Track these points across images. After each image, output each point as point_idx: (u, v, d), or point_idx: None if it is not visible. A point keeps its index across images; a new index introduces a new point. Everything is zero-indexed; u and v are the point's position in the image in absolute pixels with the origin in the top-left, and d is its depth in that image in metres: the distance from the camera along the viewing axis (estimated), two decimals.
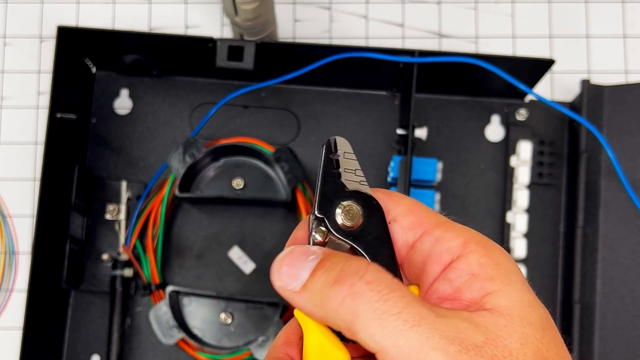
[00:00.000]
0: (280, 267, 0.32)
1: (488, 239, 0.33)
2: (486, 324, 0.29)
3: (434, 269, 0.32)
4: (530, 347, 0.29)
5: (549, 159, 0.70)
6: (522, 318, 0.30)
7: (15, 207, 0.72)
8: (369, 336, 0.28)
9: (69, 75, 0.68)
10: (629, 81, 0.72)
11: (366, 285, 0.29)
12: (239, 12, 0.63)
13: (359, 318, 0.29)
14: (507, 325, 0.29)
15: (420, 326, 0.28)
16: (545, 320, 0.30)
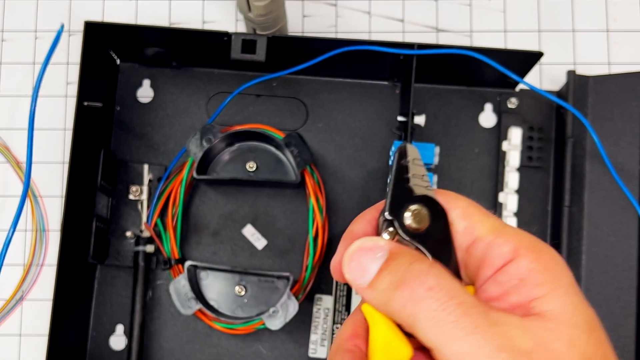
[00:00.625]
0: (350, 262, 0.33)
1: (540, 242, 0.33)
2: (535, 329, 0.30)
3: (486, 273, 0.33)
4: (577, 349, 0.30)
5: (537, 143, 0.71)
6: (568, 321, 0.30)
7: (46, 188, 0.73)
8: (427, 338, 0.30)
9: (95, 67, 0.68)
10: (611, 72, 0.73)
11: (426, 292, 0.30)
12: (252, 9, 0.64)
13: (418, 322, 0.30)
14: (554, 329, 0.30)
15: (474, 334, 0.29)
16: (591, 322, 0.31)
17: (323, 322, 0.70)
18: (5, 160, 0.73)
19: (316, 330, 0.70)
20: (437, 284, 0.30)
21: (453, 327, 0.29)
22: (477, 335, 0.29)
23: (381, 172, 0.72)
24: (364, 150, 0.73)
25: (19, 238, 0.73)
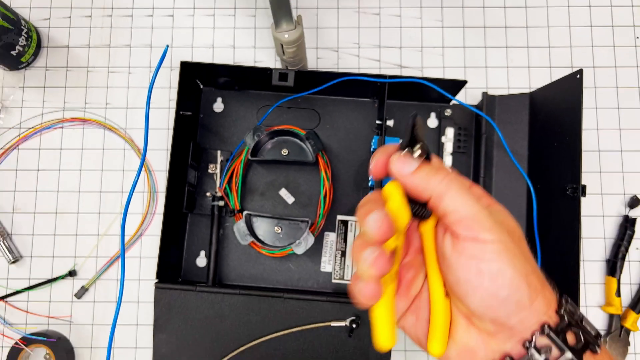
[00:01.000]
0: (397, 160, 0.32)
1: None
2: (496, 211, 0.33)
3: None
4: (516, 227, 0.33)
5: (463, 138, 0.71)
6: (509, 216, 0.33)
7: (156, 165, 0.74)
8: (453, 201, 0.31)
9: (187, 90, 0.69)
10: (510, 93, 0.73)
11: (455, 176, 0.32)
12: (285, 54, 0.65)
13: (450, 191, 0.31)
14: (503, 218, 0.33)
15: (478, 204, 0.31)
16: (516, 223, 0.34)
17: (329, 249, 0.71)
18: (130, 147, 0.74)
19: (325, 254, 0.71)
20: (457, 176, 0.32)
21: (470, 198, 0.31)
22: (479, 205, 0.31)
23: (366, 155, 0.72)
24: (355, 142, 0.73)
25: (140, 197, 0.73)
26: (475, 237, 0.30)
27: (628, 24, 0.76)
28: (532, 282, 0.31)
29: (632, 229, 0.71)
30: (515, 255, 0.31)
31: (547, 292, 0.32)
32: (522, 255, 0.31)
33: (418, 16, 0.77)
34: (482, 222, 0.31)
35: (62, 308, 0.72)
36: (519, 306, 0.31)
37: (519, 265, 0.30)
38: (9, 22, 0.69)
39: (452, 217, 0.31)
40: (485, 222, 0.31)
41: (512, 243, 0.31)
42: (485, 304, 0.31)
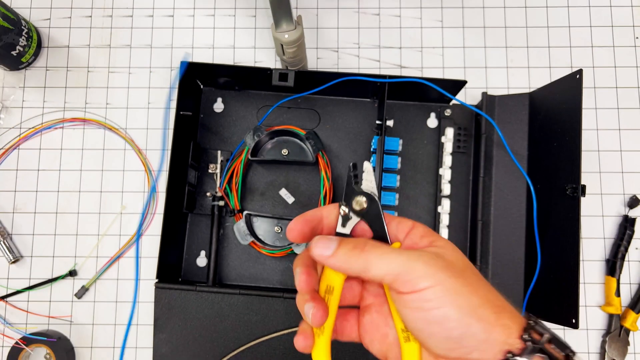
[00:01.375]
0: (317, 243, 0.34)
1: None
2: (434, 251, 0.33)
3: (401, 235, 0.36)
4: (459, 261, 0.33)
5: (463, 137, 0.71)
6: (447, 248, 0.34)
7: (157, 164, 0.74)
8: (378, 269, 0.32)
9: (187, 90, 0.69)
10: (509, 93, 0.73)
11: (371, 246, 0.33)
12: (285, 54, 0.65)
13: (370, 262, 0.32)
14: (444, 252, 0.33)
15: (402, 255, 0.32)
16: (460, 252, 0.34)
17: None
18: (130, 147, 0.74)
19: None
20: (374, 243, 0.34)
21: (391, 255, 0.32)
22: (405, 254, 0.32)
23: (365, 156, 0.72)
24: (355, 142, 0.73)
25: (140, 196, 0.73)
26: (413, 289, 0.31)
27: (628, 24, 0.76)
28: (483, 314, 0.31)
29: (632, 229, 0.71)
30: (458, 293, 0.31)
31: (505, 319, 0.32)
32: (466, 290, 0.32)
33: (418, 16, 0.77)
34: (414, 271, 0.31)
35: (63, 308, 0.72)
36: (476, 341, 0.31)
37: (463, 303, 0.31)
38: (9, 22, 0.69)
39: (386, 281, 0.33)
40: (417, 270, 0.31)
41: (453, 279, 0.31)
42: (443, 347, 0.32)
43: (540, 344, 0.31)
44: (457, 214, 0.71)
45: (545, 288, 0.64)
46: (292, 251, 0.68)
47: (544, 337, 0.32)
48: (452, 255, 0.34)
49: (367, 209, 0.37)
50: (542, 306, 0.65)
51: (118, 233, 0.73)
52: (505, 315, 0.32)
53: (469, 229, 0.71)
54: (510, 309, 0.33)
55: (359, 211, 0.37)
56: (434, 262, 0.32)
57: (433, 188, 0.72)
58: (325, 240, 0.34)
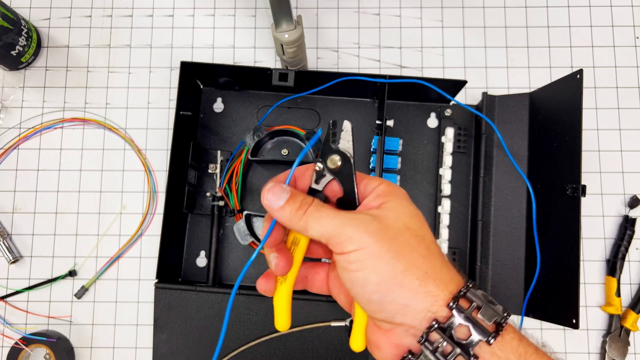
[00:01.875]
0: (267, 193, 0.35)
1: (393, 183, 0.37)
2: (374, 213, 0.34)
3: (367, 194, 0.36)
4: (400, 223, 0.33)
5: (463, 138, 0.71)
6: (396, 209, 0.34)
7: (156, 164, 0.74)
8: (314, 230, 0.34)
9: (187, 90, 0.69)
10: (509, 93, 0.73)
11: (313, 207, 0.34)
12: (285, 54, 0.65)
13: (308, 223, 0.34)
14: (387, 214, 0.34)
15: (337, 218, 0.33)
16: (413, 213, 0.35)
17: None
18: (130, 147, 0.74)
19: None
20: (316, 206, 0.34)
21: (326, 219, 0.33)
22: (339, 217, 0.33)
23: (365, 156, 0.72)
24: (355, 142, 0.72)
25: (140, 196, 0.73)
26: (341, 251, 0.33)
27: (628, 24, 0.76)
28: (404, 281, 0.32)
29: (632, 229, 0.71)
30: (380, 258, 0.32)
31: (431, 286, 0.32)
32: (389, 255, 0.32)
33: (418, 16, 0.77)
34: (343, 234, 0.33)
35: (62, 308, 0.72)
36: (397, 305, 0.32)
37: (383, 268, 0.32)
38: (9, 22, 0.69)
39: (322, 241, 0.34)
40: (346, 233, 0.33)
41: (378, 244, 0.32)
42: (368, 308, 0.34)
43: (466, 313, 0.32)
44: (457, 214, 0.71)
45: (546, 288, 0.64)
46: None
47: (471, 306, 0.32)
48: (395, 218, 0.34)
49: (340, 167, 0.37)
50: (542, 306, 0.64)
51: (118, 233, 0.73)
52: (431, 282, 0.32)
53: (469, 229, 0.71)
54: (441, 275, 0.33)
55: (333, 169, 0.37)
56: (365, 226, 0.33)
57: (433, 188, 0.72)
58: (277, 190, 0.35)
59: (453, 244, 0.71)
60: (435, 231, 0.71)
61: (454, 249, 0.70)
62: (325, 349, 0.65)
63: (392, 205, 0.35)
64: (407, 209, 0.35)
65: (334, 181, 0.37)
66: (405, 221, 0.34)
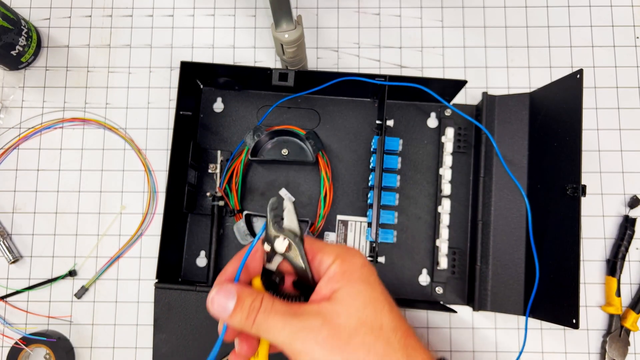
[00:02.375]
0: (212, 305, 0.35)
1: (350, 251, 0.36)
2: (325, 312, 0.33)
3: (322, 272, 0.36)
4: (353, 319, 0.32)
5: (463, 137, 0.71)
6: (347, 301, 0.33)
7: (156, 164, 0.74)
8: (268, 338, 0.34)
9: (187, 89, 0.69)
10: (509, 93, 0.73)
11: (260, 316, 0.34)
12: (285, 53, 0.65)
13: (260, 332, 0.34)
14: (338, 310, 0.33)
15: (285, 329, 0.33)
16: (367, 300, 0.33)
17: None
18: (130, 147, 0.74)
19: None
20: (266, 308, 0.34)
21: (277, 329, 0.33)
22: (289, 328, 0.33)
23: (365, 156, 0.72)
24: (355, 142, 0.73)
25: (140, 196, 0.73)
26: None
27: (628, 24, 0.76)
28: None
29: (632, 229, 0.71)
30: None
31: None
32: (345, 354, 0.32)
33: (418, 16, 0.77)
34: (294, 348, 0.33)
35: (62, 308, 0.72)
36: None
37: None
38: (9, 22, 0.69)
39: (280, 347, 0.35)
40: (296, 347, 0.33)
41: (330, 356, 0.32)
42: None
43: None
44: (458, 214, 0.71)
45: (546, 288, 0.64)
46: None
47: None
48: (346, 314, 0.33)
49: (289, 248, 0.37)
50: (542, 306, 0.64)
51: (118, 233, 0.73)
52: None
53: (469, 229, 0.71)
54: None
55: (282, 252, 0.37)
56: (313, 337, 0.32)
57: (433, 188, 0.72)
58: (222, 294, 0.35)
59: (453, 244, 0.71)
60: (435, 231, 0.71)
61: (454, 249, 0.71)
62: None
63: (344, 295, 0.34)
64: (360, 296, 0.34)
65: (285, 261, 0.38)
66: (358, 316, 0.33)
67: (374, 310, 0.33)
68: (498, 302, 0.67)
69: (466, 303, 0.70)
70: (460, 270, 0.70)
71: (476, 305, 0.67)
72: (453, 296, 0.70)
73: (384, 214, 0.70)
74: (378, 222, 0.64)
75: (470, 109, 0.72)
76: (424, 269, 0.71)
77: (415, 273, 0.71)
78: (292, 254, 0.37)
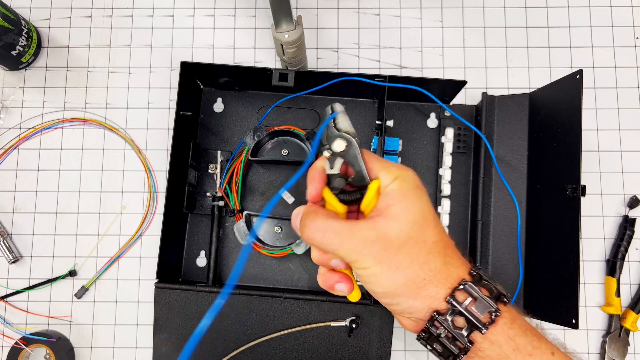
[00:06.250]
0: (294, 221, 0.40)
1: (408, 172, 0.39)
2: (379, 227, 0.36)
3: (384, 182, 0.38)
4: (403, 233, 0.36)
5: (463, 138, 0.71)
6: (400, 217, 0.36)
7: (157, 165, 0.74)
8: (323, 246, 0.38)
9: (187, 90, 0.69)
10: (509, 93, 0.74)
11: (318, 233, 0.37)
12: (285, 54, 0.65)
13: (320, 245, 0.38)
14: (391, 225, 0.36)
15: (345, 243, 0.36)
16: (417, 217, 0.37)
17: None
18: (130, 147, 0.74)
19: None
20: (322, 226, 0.37)
21: (331, 237, 0.37)
22: (342, 239, 0.36)
23: None
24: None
25: (140, 196, 0.73)
26: (353, 266, 0.38)
27: (628, 25, 0.76)
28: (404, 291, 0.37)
29: (632, 229, 0.71)
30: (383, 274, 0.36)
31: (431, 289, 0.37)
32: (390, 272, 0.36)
33: (418, 17, 0.77)
34: (351, 257, 0.37)
35: (62, 308, 0.72)
36: (401, 307, 0.38)
37: (385, 283, 0.37)
38: (9, 22, 0.69)
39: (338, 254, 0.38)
40: (353, 256, 0.37)
41: (379, 265, 0.36)
42: (382, 303, 0.40)
43: (461, 307, 0.36)
44: (457, 214, 0.71)
45: (546, 288, 0.64)
46: (292, 251, 0.67)
47: (466, 300, 0.36)
48: (398, 229, 0.36)
49: (347, 149, 0.39)
50: (542, 306, 0.64)
51: (118, 233, 0.73)
52: (429, 286, 0.37)
53: (469, 229, 0.71)
54: (440, 276, 0.37)
55: (339, 153, 0.39)
56: (367, 249, 0.36)
57: (433, 188, 0.72)
58: (296, 215, 0.41)
59: None
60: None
61: None
62: (325, 349, 0.65)
63: (398, 212, 0.37)
64: (410, 214, 0.37)
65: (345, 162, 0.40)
66: (407, 230, 0.36)
67: (422, 226, 0.37)
68: None
69: None
70: None
71: None
72: None
73: None
74: None
75: (470, 109, 0.72)
76: None
77: None
78: (350, 154, 0.39)
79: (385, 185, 0.38)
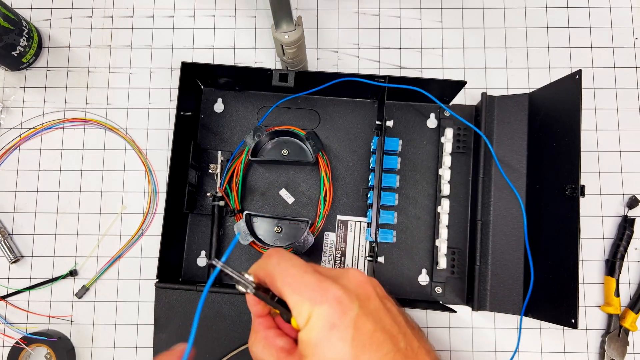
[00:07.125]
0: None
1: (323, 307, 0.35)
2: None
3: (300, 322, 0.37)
4: None
5: (462, 138, 0.71)
6: None
7: (157, 164, 0.74)
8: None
9: (187, 90, 0.69)
10: (508, 93, 0.73)
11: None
12: (285, 54, 0.66)
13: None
14: None
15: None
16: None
17: (329, 249, 0.71)
18: (131, 148, 0.74)
19: (325, 254, 0.71)
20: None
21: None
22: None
23: (365, 156, 0.72)
24: (355, 142, 0.73)
25: (140, 196, 0.73)
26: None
27: (627, 25, 0.76)
28: None
29: (631, 229, 0.71)
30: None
31: None
32: None
33: (418, 17, 0.77)
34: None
35: (63, 308, 0.72)
36: None
37: None
38: (10, 23, 0.69)
39: None
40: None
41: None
42: None
43: None
44: (457, 214, 0.71)
45: (545, 288, 0.64)
46: (292, 251, 0.67)
47: None
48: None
49: (248, 290, 0.39)
50: (541, 306, 0.64)
51: (118, 233, 0.73)
52: None
53: (468, 229, 0.71)
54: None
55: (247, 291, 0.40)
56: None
57: (433, 188, 0.72)
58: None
59: (452, 244, 0.71)
60: (435, 231, 0.71)
61: (454, 249, 0.71)
62: None
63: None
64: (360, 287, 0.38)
65: None
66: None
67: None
68: (497, 302, 0.67)
69: (465, 303, 0.70)
70: (460, 270, 0.70)
71: (475, 305, 0.67)
72: (452, 296, 0.70)
73: (383, 214, 0.70)
74: (378, 222, 0.64)
75: (469, 109, 0.72)
76: (424, 269, 0.71)
77: (414, 273, 0.71)
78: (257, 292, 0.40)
79: (299, 327, 0.36)
